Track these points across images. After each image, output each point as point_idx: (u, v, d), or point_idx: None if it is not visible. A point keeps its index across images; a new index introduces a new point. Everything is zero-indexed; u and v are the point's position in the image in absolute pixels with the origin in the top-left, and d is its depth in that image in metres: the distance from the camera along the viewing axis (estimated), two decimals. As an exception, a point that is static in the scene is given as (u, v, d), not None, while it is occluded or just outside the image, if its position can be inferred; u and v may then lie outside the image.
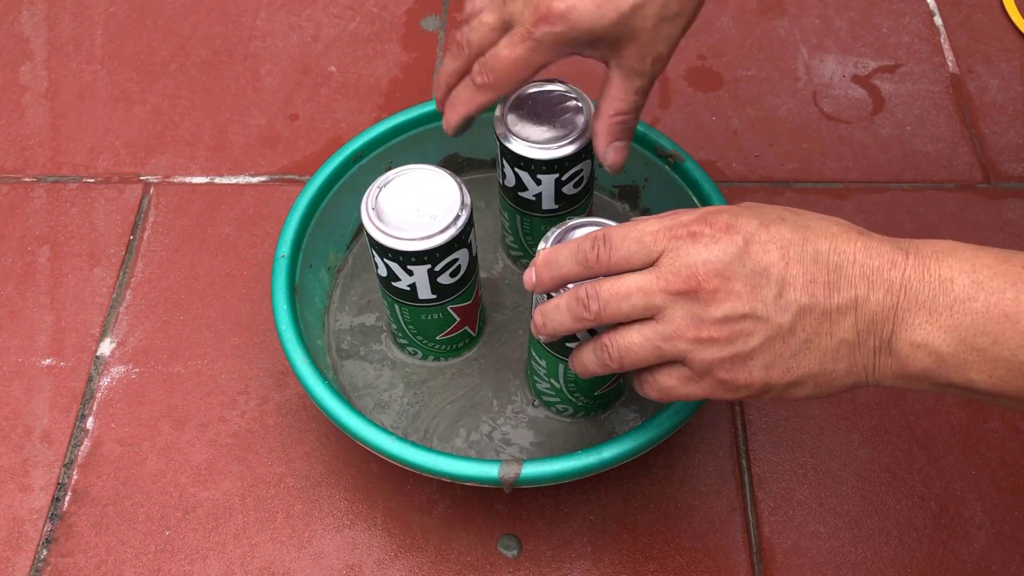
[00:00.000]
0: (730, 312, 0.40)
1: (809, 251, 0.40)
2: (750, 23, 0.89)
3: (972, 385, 0.38)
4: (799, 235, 0.40)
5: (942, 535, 0.60)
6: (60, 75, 0.85)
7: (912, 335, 0.38)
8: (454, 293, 0.56)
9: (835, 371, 0.40)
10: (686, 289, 0.40)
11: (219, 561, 0.59)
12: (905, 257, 0.39)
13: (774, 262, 0.40)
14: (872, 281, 0.39)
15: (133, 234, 0.74)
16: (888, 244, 0.40)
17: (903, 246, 0.40)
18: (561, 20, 0.45)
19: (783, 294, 0.39)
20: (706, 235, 0.40)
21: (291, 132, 0.81)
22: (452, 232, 0.52)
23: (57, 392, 0.66)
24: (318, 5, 0.90)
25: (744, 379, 0.41)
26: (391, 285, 0.55)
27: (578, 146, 0.55)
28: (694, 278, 0.40)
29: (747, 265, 0.40)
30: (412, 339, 0.60)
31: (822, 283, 0.39)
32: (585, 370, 0.46)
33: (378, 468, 0.62)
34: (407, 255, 0.52)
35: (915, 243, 0.40)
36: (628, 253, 0.42)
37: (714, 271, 0.40)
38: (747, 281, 0.40)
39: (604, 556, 0.59)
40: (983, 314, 0.37)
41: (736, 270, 0.40)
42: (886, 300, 0.39)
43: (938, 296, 0.38)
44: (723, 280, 0.40)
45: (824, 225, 0.41)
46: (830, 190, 0.77)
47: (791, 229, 0.40)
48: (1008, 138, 0.80)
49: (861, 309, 0.39)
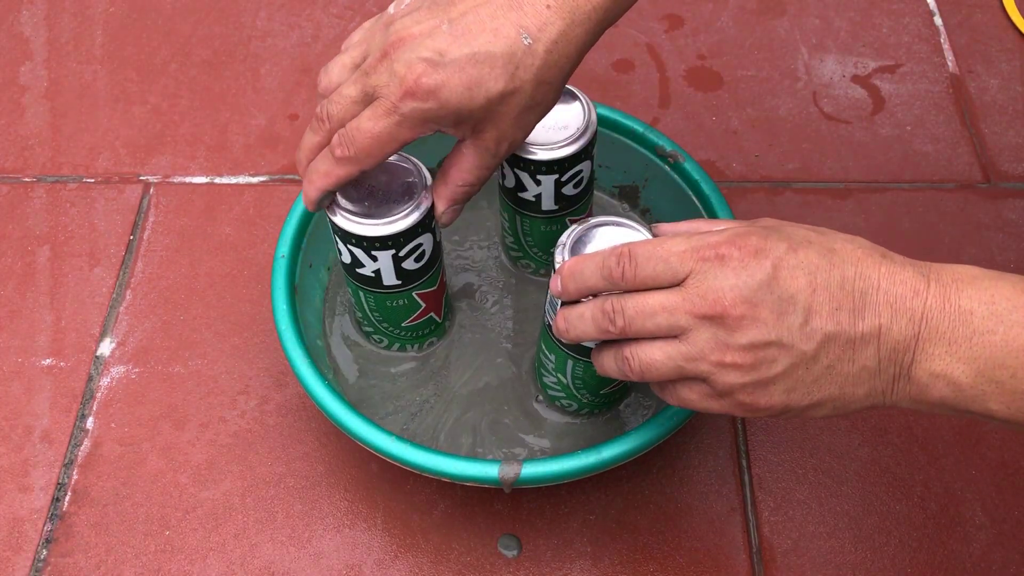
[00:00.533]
0: (756, 339, 0.40)
1: (836, 277, 0.40)
2: (750, 23, 0.89)
3: (991, 414, 0.38)
4: (826, 260, 0.40)
5: (942, 535, 0.60)
6: (60, 75, 0.85)
7: (932, 365, 0.39)
8: (419, 279, 0.56)
9: (854, 395, 0.41)
10: (712, 314, 0.40)
11: (219, 561, 0.59)
12: (927, 285, 0.39)
13: (801, 288, 0.40)
14: (895, 309, 0.39)
15: (133, 234, 0.74)
16: (910, 270, 0.40)
17: (925, 271, 0.40)
18: (431, 97, 0.44)
19: (809, 321, 0.40)
20: (735, 259, 0.40)
21: (291, 132, 0.81)
22: (416, 216, 0.52)
23: (57, 392, 0.66)
24: (318, 5, 0.90)
25: (764, 403, 0.41)
26: (355, 272, 0.55)
27: (578, 147, 0.55)
28: (720, 303, 0.40)
29: (775, 292, 0.40)
30: (377, 326, 0.60)
31: (847, 310, 0.40)
32: (604, 371, 0.47)
33: (378, 468, 0.62)
34: (371, 240, 0.52)
35: (936, 268, 0.40)
36: (654, 273, 0.42)
37: (741, 298, 0.40)
38: (774, 308, 0.40)
39: (604, 556, 0.59)
40: (1002, 347, 0.37)
41: (763, 297, 0.40)
42: (908, 329, 0.39)
43: (958, 327, 0.38)
44: (750, 307, 0.40)
45: (849, 249, 0.41)
46: (830, 190, 0.77)
47: (818, 253, 0.40)
48: (1008, 138, 0.80)
49: (884, 338, 0.39)
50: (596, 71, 0.85)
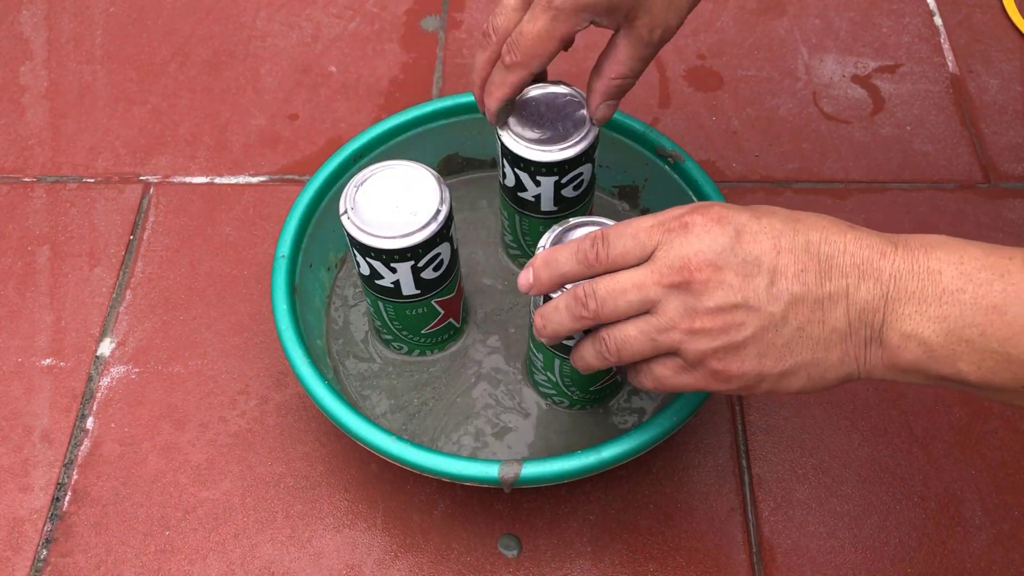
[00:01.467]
0: (722, 302, 0.40)
1: (800, 241, 0.40)
2: (750, 23, 0.89)
3: (962, 376, 0.38)
4: (790, 226, 0.41)
5: (942, 535, 0.60)
6: (60, 75, 0.85)
7: (902, 325, 0.39)
8: (438, 287, 0.56)
9: (827, 360, 0.41)
10: (679, 281, 0.41)
11: (219, 561, 0.59)
12: (895, 248, 0.39)
13: (766, 251, 0.40)
14: (862, 270, 0.39)
15: (133, 234, 0.74)
16: (878, 236, 0.40)
17: (892, 239, 0.40)
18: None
19: (775, 283, 0.40)
20: (698, 225, 0.41)
21: (291, 132, 0.81)
22: (434, 227, 0.52)
23: (57, 392, 0.66)
24: (318, 5, 0.90)
25: (736, 369, 0.41)
26: (374, 283, 0.55)
27: (579, 149, 0.55)
28: (686, 269, 0.41)
29: (739, 255, 0.40)
30: (397, 334, 0.60)
31: (813, 272, 0.40)
32: (586, 364, 0.47)
33: (378, 468, 0.62)
34: (390, 253, 0.52)
35: (904, 236, 0.40)
36: (624, 249, 0.43)
37: (706, 261, 0.40)
38: (739, 270, 0.40)
39: (604, 556, 0.59)
40: (971, 305, 0.37)
41: (728, 260, 0.40)
42: (876, 289, 0.39)
43: (927, 287, 0.38)
44: (715, 270, 0.40)
45: (814, 219, 0.41)
46: (830, 190, 0.77)
47: (782, 220, 0.41)
48: (1008, 138, 0.80)
49: (852, 298, 0.39)
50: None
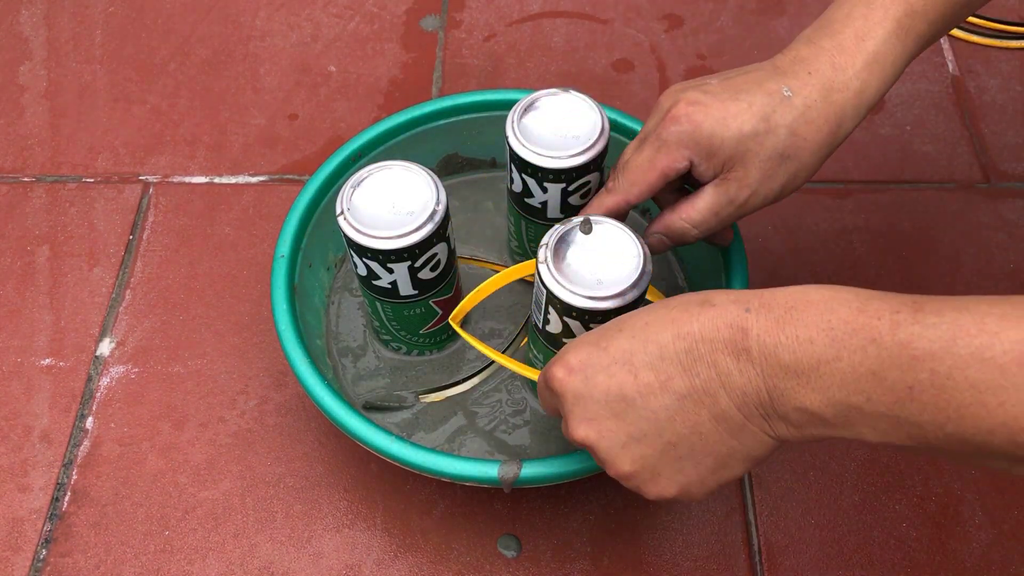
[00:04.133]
0: (611, 447, 0.41)
1: (653, 351, 0.39)
2: (750, 23, 0.88)
3: (864, 439, 0.36)
4: (639, 341, 0.40)
5: (942, 535, 0.60)
6: (59, 75, 0.85)
7: (791, 400, 0.37)
8: (435, 287, 0.56)
9: (744, 445, 0.39)
10: (583, 447, 0.42)
11: (219, 561, 0.59)
12: (755, 320, 0.37)
13: (624, 383, 0.40)
14: (728, 353, 0.37)
15: (132, 234, 0.74)
16: (734, 309, 0.38)
17: (752, 304, 0.38)
18: (687, 120, 0.47)
19: (647, 404, 0.39)
20: (556, 389, 0.42)
21: (290, 132, 0.81)
22: (430, 227, 0.52)
23: (56, 392, 0.66)
24: (318, 5, 0.90)
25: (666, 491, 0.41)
26: (372, 284, 0.55)
27: (586, 158, 0.54)
28: (575, 434, 0.42)
29: (599, 399, 0.40)
30: (395, 335, 0.60)
31: (678, 376, 0.39)
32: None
33: (378, 468, 0.62)
34: (386, 253, 0.52)
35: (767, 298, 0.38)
36: (551, 404, 0.45)
37: (579, 420, 0.41)
38: (608, 411, 0.40)
39: (604, 556, 0.59)
40: (850, 373, 0.35)
41: (592, 407, 0.40)
42: (750, 370, 0.37)
43: (801, 359, 0.36)
44: (588, 423, 0.41)
45: (663, 311, 0.40)
46: (830, 190, 0.77)
47: (629, 337, 0.40)
48: (1008, 138, 0.80)
49: (729, 385, 0.38)
50: (596, 71, 0.85)
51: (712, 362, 0.38)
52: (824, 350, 0.35)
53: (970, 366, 0.32)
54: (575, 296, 0.47)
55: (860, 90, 0.47)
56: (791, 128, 0.46)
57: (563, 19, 0.89)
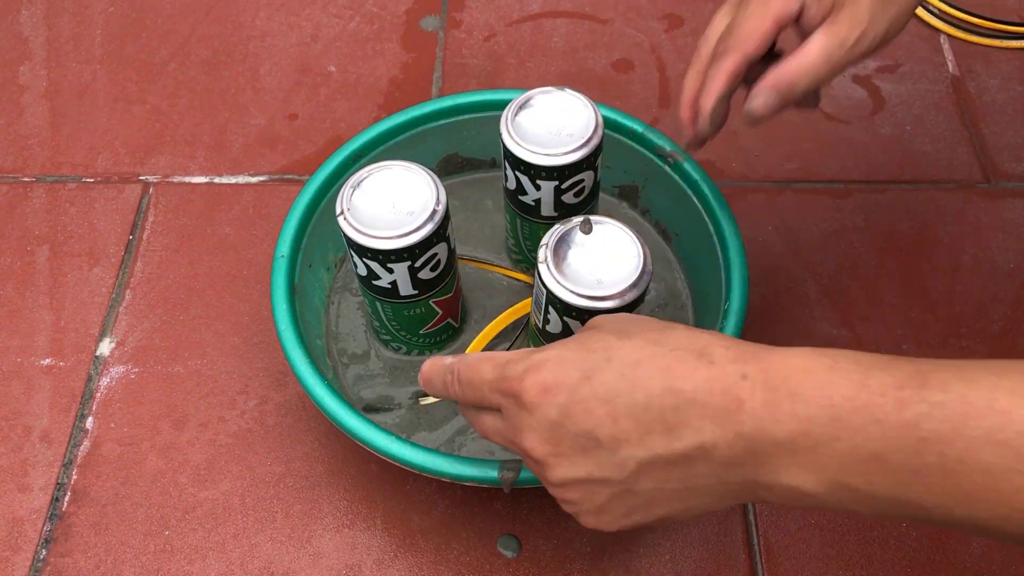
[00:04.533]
0: (566, 478, 0.38)
1: (640, 399, 0.36)
2: (750, 23, 0.88)
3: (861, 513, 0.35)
4: (627, 381, 0.37)
5: (942, 535, 0.60)
6: (59, 75, 0.85)
7: (780, 477, 0.35)
8: (435, 287, 0.56)
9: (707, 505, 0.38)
10: (522, 452, 0.40)
11: (218, 561, 0.59)
12: (752, 392, 0.35)
13: (601, 421, 0.37)
14: (718, 424, 0.35)
15: (132, 234, 0.74)
16: (732, 371, 0.36)
17: (749, 370, 0.35)
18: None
19: (617, 451, 0.37)
20: (528, 398, 0.38)
21: (290, 132, 0.81)
22: (430, 227, 0.52)
23: (56, 392, 0.66)
24: (318, 5, 0.90)
25: (607, 525, 0.40)
26: (372, 284, 0.55)
27: (579, 156, 0.54)
28: (524, 445, 0.39)
29: (571, 430, 0.37)
30: (395, 335, 0.60)
31: (659, 432, 0.36)
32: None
33: (378, 468, 0.62)
34: (386, 253, 0.52)
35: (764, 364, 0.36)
36: (475, 398, 0.42)
37: (540, 439, 0.38)
38: (575, 445, 0.37)
39: (604, 556, 0.59)
40: (851, 455, 0.33)
41: (561, 436, 0.38)
42: (738, 444, 0.35)
43: (797, 438, 0.34)
44: (551, 447, 0.38)
45: (659, 357, 0.37)
46: (830, 190, 0.77)
47: (617, 375, 0.37)
48: (1008, 138, 0.80)
49: (713, 455, 0.35)
50: (596, 71, 0.85)
51: (698, 429, 0.35)
52: (823, 429, 0.34)
53: (983, 449, 0.31)
54: (575, 296, 0.47)
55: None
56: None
57: (563, 19, 0.89)
